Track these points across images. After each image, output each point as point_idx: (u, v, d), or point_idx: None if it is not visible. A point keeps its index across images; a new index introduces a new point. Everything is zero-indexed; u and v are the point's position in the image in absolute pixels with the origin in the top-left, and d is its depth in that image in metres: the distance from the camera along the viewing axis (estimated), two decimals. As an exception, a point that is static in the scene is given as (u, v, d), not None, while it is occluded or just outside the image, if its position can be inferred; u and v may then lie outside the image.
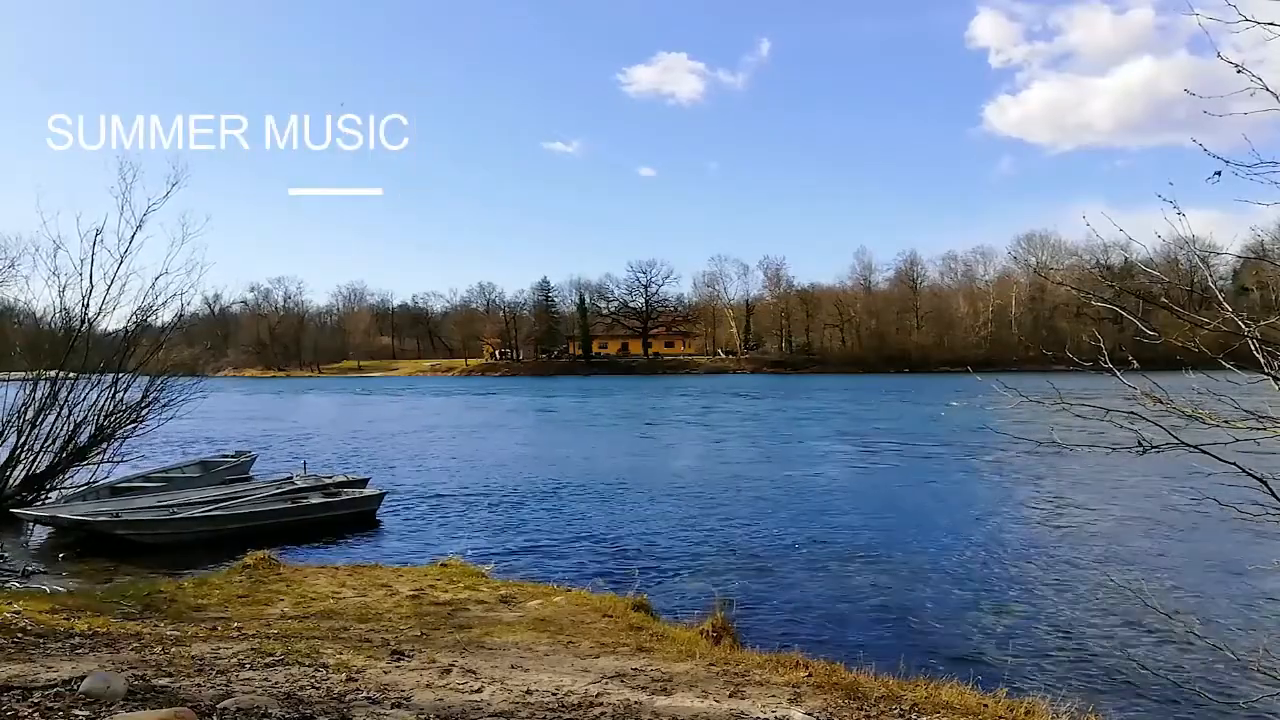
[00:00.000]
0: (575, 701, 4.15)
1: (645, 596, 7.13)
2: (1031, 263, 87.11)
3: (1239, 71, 3.00)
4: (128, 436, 12.48)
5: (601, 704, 4.12)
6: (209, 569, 8.87)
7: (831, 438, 25.27)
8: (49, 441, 11.52)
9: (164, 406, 12.81)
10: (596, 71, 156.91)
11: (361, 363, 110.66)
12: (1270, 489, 3.29)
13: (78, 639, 4.96)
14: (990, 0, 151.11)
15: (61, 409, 11.54)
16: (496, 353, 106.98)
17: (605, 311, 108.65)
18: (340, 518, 12.07)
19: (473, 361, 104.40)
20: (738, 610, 7.36)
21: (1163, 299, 3.48)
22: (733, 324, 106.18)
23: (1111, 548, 10.44)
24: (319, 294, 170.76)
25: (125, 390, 12.33)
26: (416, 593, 7.08)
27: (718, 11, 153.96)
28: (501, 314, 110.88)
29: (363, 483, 14.09)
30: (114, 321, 12.59)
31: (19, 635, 4.95)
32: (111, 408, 12.12)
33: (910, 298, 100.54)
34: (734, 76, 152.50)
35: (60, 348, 11.95)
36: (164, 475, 15.02)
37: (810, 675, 4.88)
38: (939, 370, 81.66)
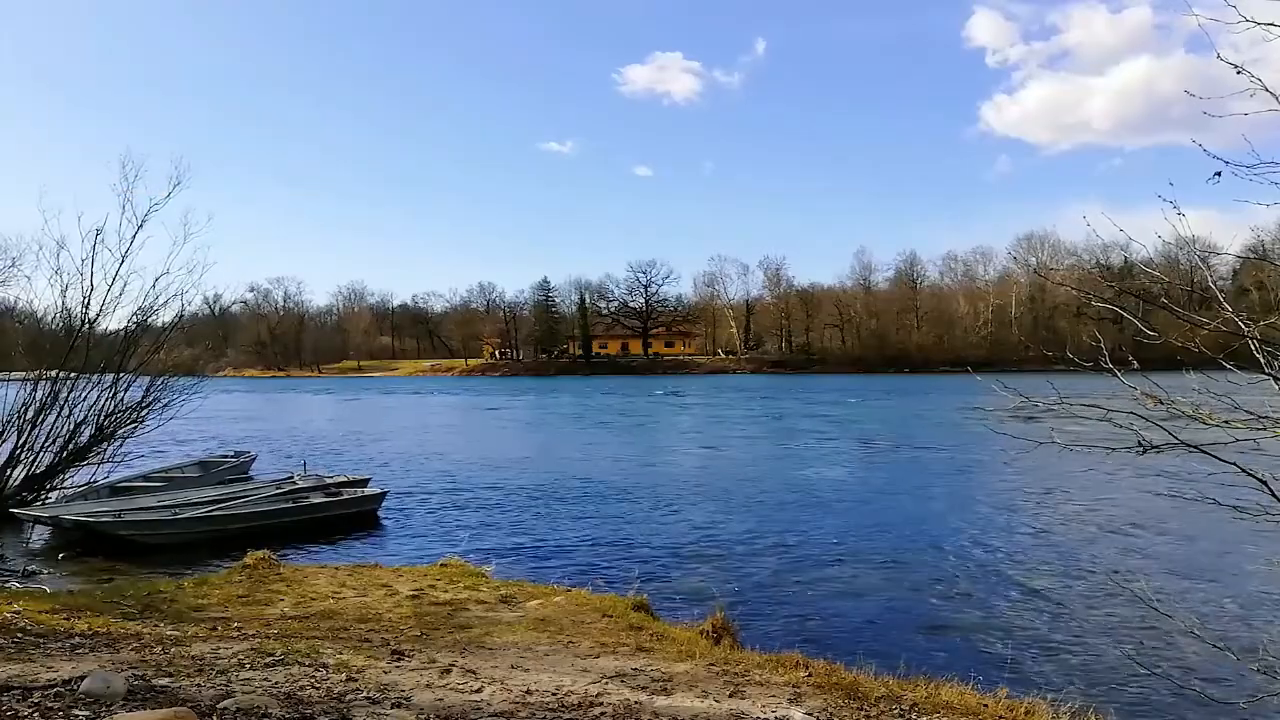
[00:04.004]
0: (575, 701, 4.15)
1: (645, 596, 7.12)
2: (1031, 263, 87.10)
3: (1238, 72, 3.00)
4: (128, 436, 12.48)
5: (601, 704, 4.12)
6: (209, 569, 8.87)
7: (831, 438, 25.27)
8: (49, 441, 11.51)
9: (164, 406, 12.81)
10: (592, 71, 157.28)
11: (361, 363, 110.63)
12: (1270, 489, 3.28)
13: (78, 639, 4.96)
14: (987, 0, 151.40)
15: (62, 409, 11.54)
16: (496, 353, 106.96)
17: (605, 311, 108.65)
18: (341, 517, 12.07)
19: (473, 361, 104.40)
20: (738, 610, 7.36)
21: (1163, 299, 3.48)
22: (733, 324, 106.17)
23: (1111, 548, 10.44)
24: (319, 294, 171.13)
25: (125, 390, 12.32)
26: (416, 593, 7.07)
27: (714, 11, 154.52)
28: (501, 314, 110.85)
29: (364, 482, 14.08)
30: (115, 321, 12.60)
31: (19, 635, 4.95)
32: (112, 408, 12.12)
33: (910, 298, 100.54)
34: (730, 76, 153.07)
35: (61, 347, 11.94)
36: (164, 475, 15.02)
37: (810, 675, 4.88)
38: (939, 370, 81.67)
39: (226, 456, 17.65)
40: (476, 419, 36.36)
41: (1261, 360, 3.13)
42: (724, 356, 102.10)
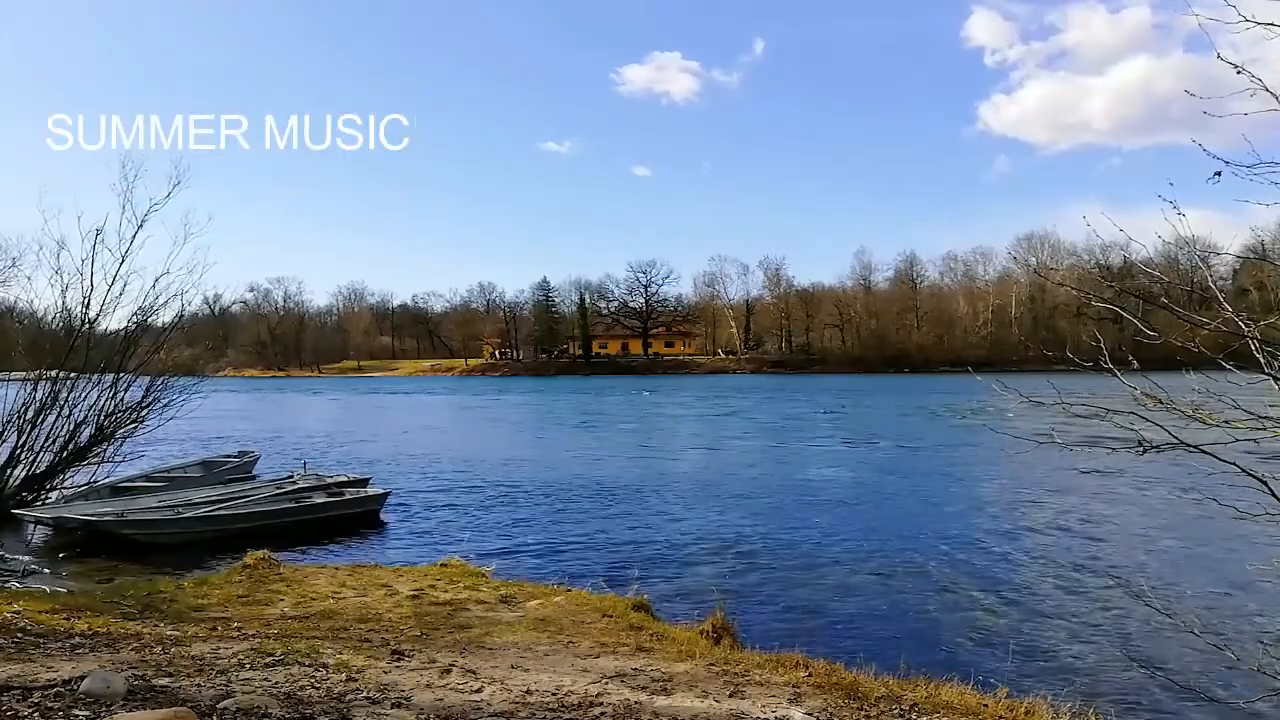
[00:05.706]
0: (575, 701, 4.15)
1: (645, 596, 7.13)
2: (1031, 263, 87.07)
3: (1238, 72, 3.00)
4: (128, 436, 12.47)
5: (601, 704, 4.12)
6: (209, 569, 8.88)
7: (832, 438, 25.26)
8: (49, 441, 11.50)
9: (164, 406, 12.79)
10: (590, 71, 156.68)
11: (361, 363, 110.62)
12: (1270, 489, 3.28)
13: (78, 639, 4.96)
14: (985, 0, 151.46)
15: (62, 409, 11.52)
16: (496, 353, 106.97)
17: (605, 311, 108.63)
18: (342, 517, 12.07)
19: (473, 361, 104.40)
20: (738, 610, 7.36)
21: (1163, 299, 3.47)
22: (733, 324, 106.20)
23: (1112, 548, 10.44)
24: (319, 294, 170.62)
25: (126, 390, 12.31)
26: (417, 593, 7.08)
27: (712, 11, 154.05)
28: (501, 314, 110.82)
29: (364, 482, 14.09)
30: (115, 321, 12.57)
31: (19, 635, 4.95)
32: (112, 408, 12.08)
33: (910, 298, 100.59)
34: (729, 76, 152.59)
35: (61, 347, 11.93)
36: (166, 475, 15.03)
37: (810, 675, 4.88)
38: (939, 370, 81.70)
39: (229, 456, 17.65)
40: (476, 419, 36.36)
41: (1261, 360, 3.13)
42: (724, 356, 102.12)
